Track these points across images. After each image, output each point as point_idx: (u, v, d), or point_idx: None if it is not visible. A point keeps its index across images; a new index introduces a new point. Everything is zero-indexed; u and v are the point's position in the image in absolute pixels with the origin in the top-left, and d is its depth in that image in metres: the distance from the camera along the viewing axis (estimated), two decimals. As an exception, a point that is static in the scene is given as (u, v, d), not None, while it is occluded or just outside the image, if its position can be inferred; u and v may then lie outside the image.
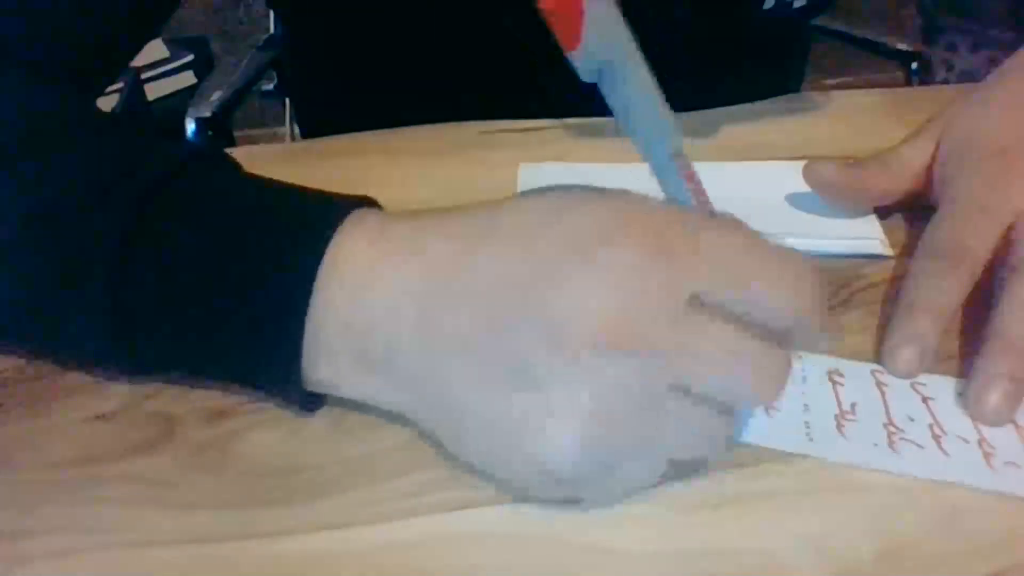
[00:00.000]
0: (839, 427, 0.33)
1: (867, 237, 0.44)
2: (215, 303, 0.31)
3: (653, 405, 0.28)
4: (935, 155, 0.44)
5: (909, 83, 1.01)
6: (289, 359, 0.31)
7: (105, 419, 0.34)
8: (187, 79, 1.84)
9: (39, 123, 0.36)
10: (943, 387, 0.35)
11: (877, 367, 0.36)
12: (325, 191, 0.33)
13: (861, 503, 0.30)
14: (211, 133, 0.89)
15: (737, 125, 0.55)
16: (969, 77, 1.38)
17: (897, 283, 0.40)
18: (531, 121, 0.55)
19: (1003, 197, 0.39)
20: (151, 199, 0.32)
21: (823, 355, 0.36)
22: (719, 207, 0.32)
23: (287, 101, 1.21)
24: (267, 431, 0.33)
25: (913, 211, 0.45)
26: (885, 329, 0.37)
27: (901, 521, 0.30)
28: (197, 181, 0.33)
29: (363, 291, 0.30)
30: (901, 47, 1.04)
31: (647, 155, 0.31)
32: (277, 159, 0.57)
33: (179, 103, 1.68)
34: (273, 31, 1.11)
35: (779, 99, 0.59)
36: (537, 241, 0.28)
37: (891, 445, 0.32)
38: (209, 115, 0.89)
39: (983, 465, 0.32)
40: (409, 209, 0.32)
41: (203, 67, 1.85)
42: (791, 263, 0.29)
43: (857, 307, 0.40)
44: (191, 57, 1.86)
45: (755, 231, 0.30)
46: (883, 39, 1.07)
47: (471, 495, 0.31)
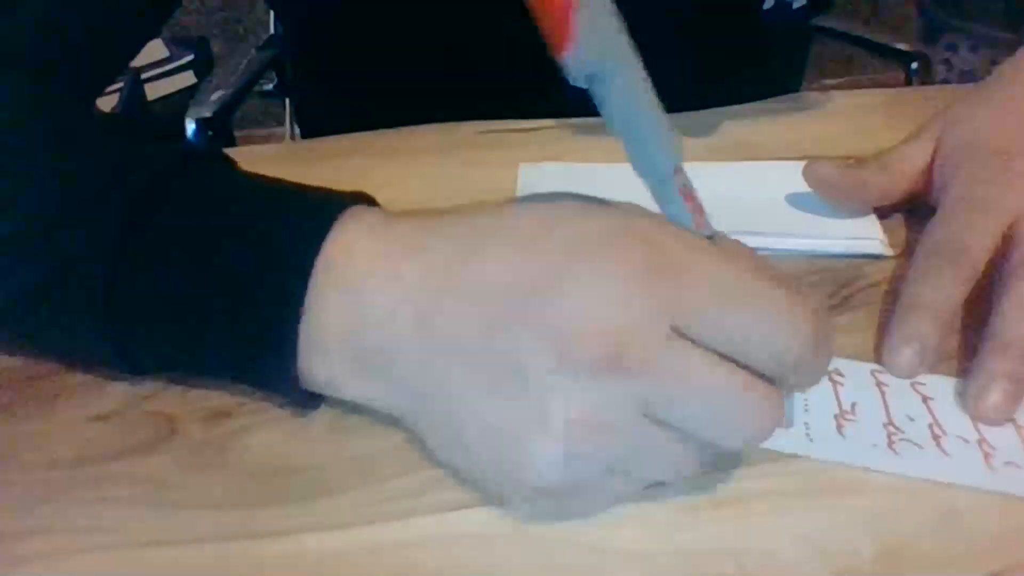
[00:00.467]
0: (839, 427, 0.33)
1: (867, 237, 0.44)
2: (210, 303, 0.31)
3: (633, 426, 0.27)
4: (935, 155, 0.44)
5: (909, 83, 1.01)
6: (284, 358, 0.31)
7: (105, 419, 0.34)
8: (187, 79, 1.84)
9: (35, 126, 0.36)
10: (943, 387, 0.35)
11: (877, 367, 0.36)
12: (323, 188, 0.33)
13: (861, 503, 0.30)
14: (211, 134, 0.89)
15: (737, 125, 0.55)
16: (969, 77, 1.38)
17: (897, 283, 0.40)
18: (531, 121, 0.55)
19: (1003, 197, 0.39)
20: (146, 201, 0.32)
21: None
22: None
23: (287, 101, 1.21)
24: (267, 431, 0.33)
25: (913, 211, 0.45)
26: (885, 329, 0.37)
27: (901, 521, 0.30)
28: (192, 181, 0.33)
29: (359, 291, 0.30)
30: (901, 47, 1.04)
31: (642, 170, 0.29)
32: (277, 159, 0.57)
33: (179, 103, 1.68)
34: (273, 31, 1.11)
35: (779, 99, 0.59)
36: (530, 251, 0.28)
37: (891, 445, 0.32)
38: (209, 115, 0.89)
39: (983, 465, 0.32)
40: (408, 209, 0.32)
41: (203, 67, 1.85)
42: (784, 302, 0.27)
43: (857, 307, 0.40)
44: (191, 57, 1.86)
45: (754, 256, 0.29)
46: (883, 39, 1.07)
47: (471, 495, 0.31)
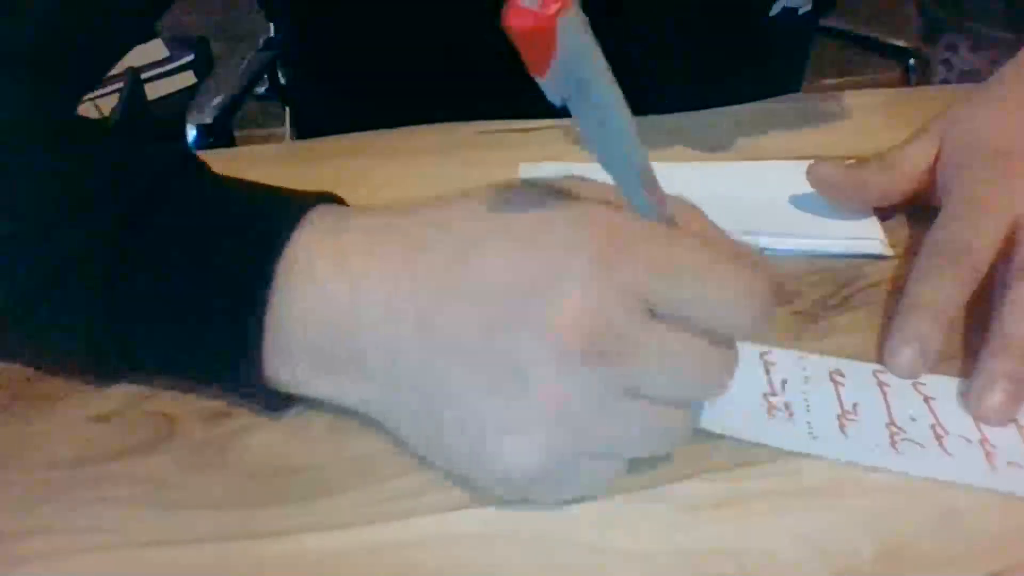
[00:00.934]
0: (841, 427, 0.33)
1: (867, 237, 0.44)
2: (186, 305, 0.31)
3: (611, 408, 0.28)
4: (937, 156, 0.44)
5: (907, 81, 1.01)
6: (250, 358, 0.31)
7: (105, 419, 0.34)
8: (187, 79, 1.84)
9: (35, 126, 0.36)
10: (945, 387, 0.35)
11: (878, 367, 0.36)
12: (288, 189, 0.33)
13: (861, 503, 0.30)
14: (211, 140, 0.90)
15: (737, 125, 0.55)
16: (969, 77, 1.38)
17: (897, 283, 0.40)
18: (531, 121, 0.55)
19: (1006, 197, 0.39)
20: (146, 201, 0.32)
21: (825, 355, 0.36)
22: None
23: (283, 103, 1.21)
24: (267, 431, 0.33)
25: (913, 211, 0.45)
26: (886, 329, 0.37)
27: (901, 521, 0.30)
28: (191, 182, 0.33)
29: (322, 290, 0.30)
30: (898, 43, 1.04)
31: (611, 169, 0.30)
32: (277, 159, 0.57)
33: (179, 103, 1.67)
34: (273, 33, 1.11)
35: (779, 99, 0.59)
36: (530, 250, 0.29)
37: (893, 445, 0.32)
38: (210, 120, 0.90)
39: (985, 465, 0.32)
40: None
41: (203, 67, 1.85)
42: (736, 269, 0.29)
43: (857, 307, 0.40)
44: (191, 57, 1.85)
45: (710, 227, 0.31)
46: (883, 38, 1.07)
47: (471, 495, 0.31)
